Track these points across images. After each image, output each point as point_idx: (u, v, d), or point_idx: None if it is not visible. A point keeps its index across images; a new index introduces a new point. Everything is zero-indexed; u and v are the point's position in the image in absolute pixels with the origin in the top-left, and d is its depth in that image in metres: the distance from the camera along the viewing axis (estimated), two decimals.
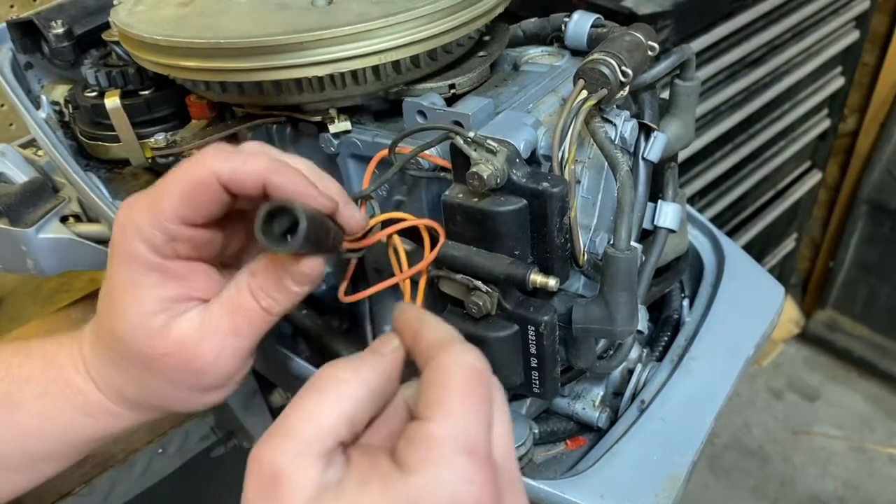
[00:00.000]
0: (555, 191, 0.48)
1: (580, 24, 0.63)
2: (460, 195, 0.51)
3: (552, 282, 0.50)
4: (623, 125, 0.58)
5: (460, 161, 0.50)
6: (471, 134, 0.49)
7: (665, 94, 0.66)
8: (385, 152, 0.55)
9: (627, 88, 0.55)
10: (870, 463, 2.06)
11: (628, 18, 1.21)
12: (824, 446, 2.10)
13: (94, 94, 0.70)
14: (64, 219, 0.78)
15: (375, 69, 0.55)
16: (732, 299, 0.71)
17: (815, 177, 2.07)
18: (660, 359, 0.68)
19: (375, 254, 0.55)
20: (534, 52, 0.66)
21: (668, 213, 0.64)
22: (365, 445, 0.41)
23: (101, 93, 0.69)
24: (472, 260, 0.51)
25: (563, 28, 0.64)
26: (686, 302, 0.73)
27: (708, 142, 1.54)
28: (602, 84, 0.52)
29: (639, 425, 0.61)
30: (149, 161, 0.69)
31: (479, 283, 0.51)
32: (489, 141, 0.49)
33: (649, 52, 0.56)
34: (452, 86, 0.59)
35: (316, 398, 0.39)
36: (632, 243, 0.56)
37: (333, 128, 0.59)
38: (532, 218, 0.50)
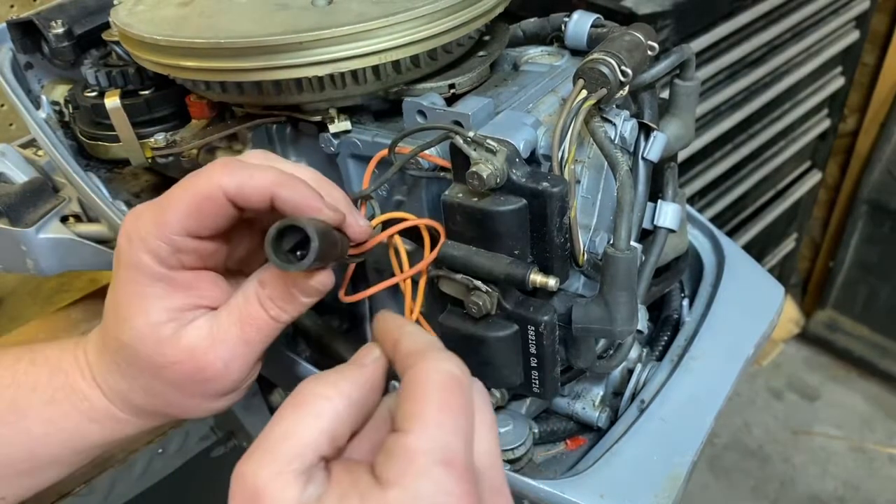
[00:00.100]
0: (555, 190, 0.48)
1: (580, 24, 0.63)
2: (460, 195, 0.51)
3: (552, 281, 0.50)
4: (623, 125, 0.58)
5: (460, 161, 0.50)
6: (470, 134, 0.49)
7: (665, 94, 0.66)
8: (385, 152, 0.55)
9: (627, 88, 0.54)
10: (870, 463, 2.06)
11: (628, 18, 1.21)
12: (824, 446, 2.10)
13: (94, 94, 0.70)
14: (64, 219, 0.78)
15: (375, 69, 0.55)
16: (732, 299, 0.71)
17: (815, 177, 2.07)
18: (660, 359, 0.68)
19: (375, 254, 0.55)
20: (534, 52, 0.66)
21: (668, 213, 0.64)
22: (347, 459, 0.41)
23: (101, 93, 0.69)
24: (472, 260, 0.51)
25: (563, 28, 0.64)
26: (686, 302, 0.73)
27: (708, 142, 1.54)
28: (602, 84, 0.52)
29: (639, 425, 0.61)
30: (149, 161, 0.69)
31: (479, 283, 0.51)
32: (489, 141, 0.49)
33: (649, 52, 0.56)
34: (452, 86, 0.59)
35: (295, 415, 0.39)
36: (632, 243, 0.56)
37: (333, 128, 0.58)
38: (532, 218, 0.50)
